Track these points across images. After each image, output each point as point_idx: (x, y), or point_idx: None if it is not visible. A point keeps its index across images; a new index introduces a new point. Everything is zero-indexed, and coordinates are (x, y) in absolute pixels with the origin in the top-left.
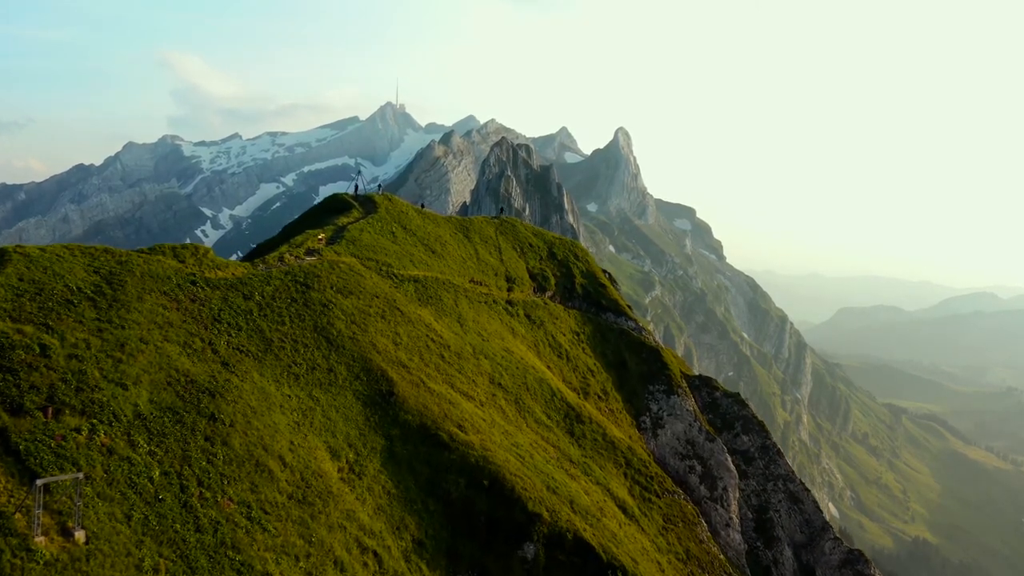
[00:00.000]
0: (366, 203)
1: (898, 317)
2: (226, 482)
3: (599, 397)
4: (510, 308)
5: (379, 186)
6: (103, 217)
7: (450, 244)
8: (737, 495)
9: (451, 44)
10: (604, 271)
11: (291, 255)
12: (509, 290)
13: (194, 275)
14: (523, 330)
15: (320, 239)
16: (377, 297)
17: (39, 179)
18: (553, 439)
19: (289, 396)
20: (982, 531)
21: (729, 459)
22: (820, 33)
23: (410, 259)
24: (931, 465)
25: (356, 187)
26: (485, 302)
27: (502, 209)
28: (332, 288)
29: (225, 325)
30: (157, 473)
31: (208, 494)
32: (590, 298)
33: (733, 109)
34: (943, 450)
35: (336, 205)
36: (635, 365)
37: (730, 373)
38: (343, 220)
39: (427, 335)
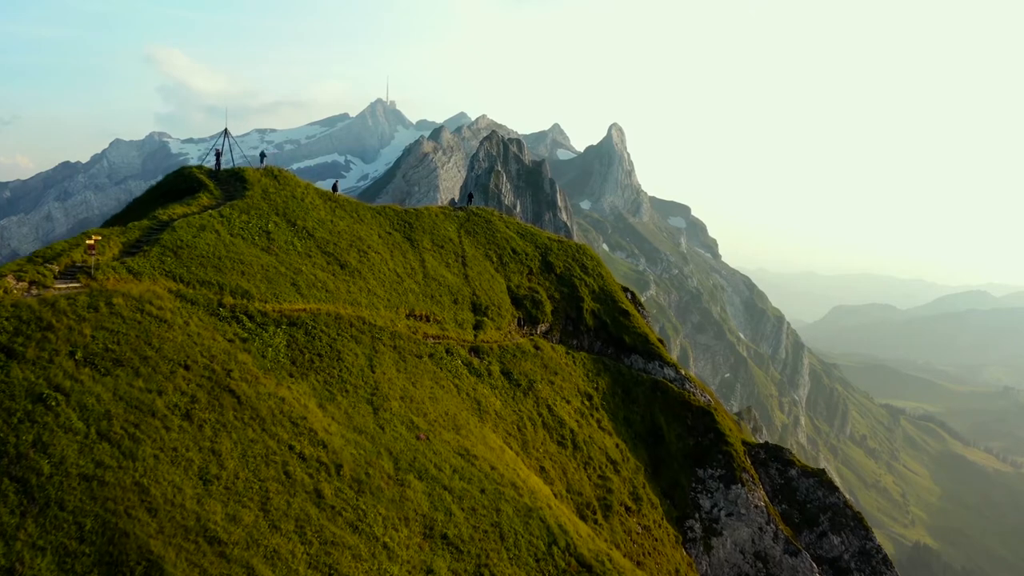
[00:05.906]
0: (229, 182)
1: (892, 315)
2: None
3: (627, 509)
4: (477, 363)
5: (261, 154)
6: (87, 215)
7: (377, 252)
8: None
9: (443, 40)
10: (626, 289)
11: (21, 280)
12: (477, 327)
13: None
14: (498, 403)
15: (92, 243)
16: (187, 368)
17: (25, 176)
18: None
19: None
20: (983, 534)
21: None
22: (816, 34)
23: (292, 280)
24: (930, 467)
25: (218, 155)
26: (431, 355)
27: (471, 197)
28: (76, 355)
29: None
30: None
31: None
32: (606, 333)
33: (725, 107)
34: (942, 452)
35: (177, 185)
36: (676, 437)
37: (727, 375)
38: (177, 210)
39: (291, 445)
